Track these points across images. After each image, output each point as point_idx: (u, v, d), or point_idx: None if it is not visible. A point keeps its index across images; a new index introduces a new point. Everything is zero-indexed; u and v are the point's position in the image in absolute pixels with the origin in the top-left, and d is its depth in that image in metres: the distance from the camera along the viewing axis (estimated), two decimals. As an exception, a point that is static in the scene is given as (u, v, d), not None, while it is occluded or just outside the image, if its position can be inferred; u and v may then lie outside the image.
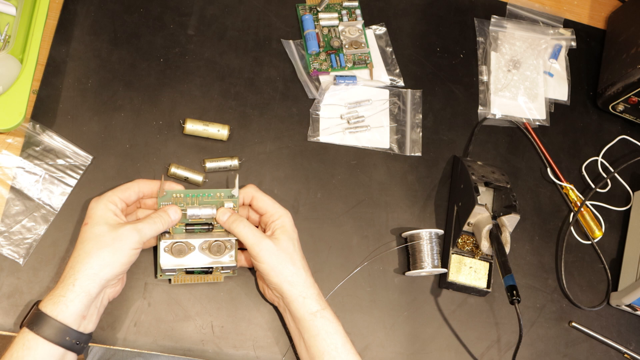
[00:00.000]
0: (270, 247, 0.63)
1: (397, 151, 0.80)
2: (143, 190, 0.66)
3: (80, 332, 0.57)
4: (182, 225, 0.66)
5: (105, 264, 0.58)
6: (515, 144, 0.86)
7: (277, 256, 0.63)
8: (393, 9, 0.87)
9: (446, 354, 0.74)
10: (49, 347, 0.55)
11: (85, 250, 0.59)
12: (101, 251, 0.59)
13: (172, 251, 0.65)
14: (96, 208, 0.62)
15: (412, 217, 0.78)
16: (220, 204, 0.67)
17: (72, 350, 0.57)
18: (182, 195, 0.66)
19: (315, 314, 0.63)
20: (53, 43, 0.73)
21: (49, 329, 0.56)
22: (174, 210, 0.65)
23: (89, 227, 0.60)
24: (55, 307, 0.56)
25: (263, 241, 0.63)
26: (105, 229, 0.60)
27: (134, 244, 0.60)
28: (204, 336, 0.67)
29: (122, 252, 0.59)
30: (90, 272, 0.58)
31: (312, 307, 0.63)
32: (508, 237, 0.70)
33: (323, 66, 0.80)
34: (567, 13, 0.96)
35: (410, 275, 0.75)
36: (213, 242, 0.66)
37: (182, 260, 0.65)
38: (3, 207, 0.66)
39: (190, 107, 0.75)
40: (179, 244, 0.65)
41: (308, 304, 0.63)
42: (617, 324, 0.81)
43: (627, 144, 0.90)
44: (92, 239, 0.59)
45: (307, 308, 0.63)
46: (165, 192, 0.66)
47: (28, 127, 0.69)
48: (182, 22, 0.78)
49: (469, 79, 0.87)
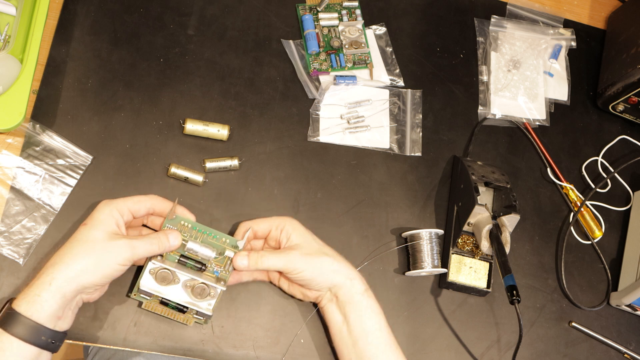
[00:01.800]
0: (299, 256, 0.64)
1: (397, 151, 0.80)
2: (154, 208, 0.64)
3: (56, 330, 0.57)
4: (177, 254, 0.64)
5: (85, 271, 0.57)
6: (515, 144, 0.86)
7: (310, 258, 0.64)
8: (393, 9, 0.87)
9: (446, 354, 0.74)
10: (24, 346, 0.55)
11: (72, 251, 0.58)
12: (87, 257, 0.57)
13: (156, 275, 0.62)
14: (101, 211, 0.60)
15: (412, 217, 0.78)
16: (222, 249, 0.65)
17: (47, 349, 0.56)
18: (189, 225, 0.65)
19: (364, 293, 0.65)
20: (53, 43, 0.73)
21: (24, 328, 0.54)
22: (174, 236, 0.63)
23: (86, 229, 0.59)
24: (29, 306, 0.55)
25: (290, 255, 0.64)
26: (100, 236, 0.59)
27: (123, 260, 0.58)
28: (204, 336, 0.67)
29: (108, 264, 0.58)
30: (69, 274, 0.56)
31: (360, 287, 0.65)
32: (508, 237, 0.70)
33: (323, 66, 0.80)
34: (567, 13, 0.96)
35: (410, 275, 0.75)
36: (199, 284, 0.63)
37: (162, 288, 0.63)
38: (3, 207, 0.66)
39: (190, 107, 0.75)
40: (165, 271, 0.62)
41: (356, 285, 0.65)
42: (617, 324, 0.81)
43: (627, 144, 0.90)
44: (83, 242, 0.58)
45: (356, 288, 0.65)
46: (175, 216, 0.64)
47: (28, 127, 0.69)
48: (182, 22, 0.78)
49: (469, 79, 0.87)
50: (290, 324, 0.70)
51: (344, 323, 0.65)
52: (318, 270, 0.64)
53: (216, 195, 0.72)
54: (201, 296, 0.64)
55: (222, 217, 0.72)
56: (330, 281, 0.65)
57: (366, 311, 0.64)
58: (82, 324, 0.64)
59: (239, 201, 0.73)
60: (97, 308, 0.65)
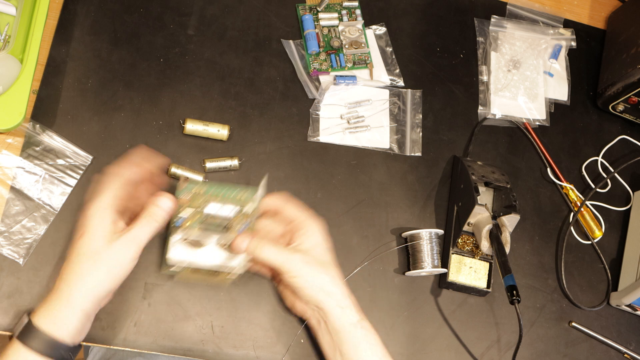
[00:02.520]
0: (301, 260, 0.61)
1: (397, 151, 0.80)
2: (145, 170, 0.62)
3: (73, 344, 0.57)
4: (196, 221, 0.63)
5: (101, 282, 0.57)
6: (515, 144, 0.86)
7: (310, 267, 0.61)
8: (393, 9, 0.87)
9: (446, 354, 0.74)
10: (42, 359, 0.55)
11: (82, 267, 0.57)
12: (97, 270, 0.57)
13: (183, 245, 0.62)
14: (93, 218, 0.58)
15: (412, 217, 0.78)
16: (242, 206, 0.64)
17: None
18: (202, 191, 0.64)
19: (356, 324, 0.61)
20: (53, 43, 0.73)
21: (45, 345, 0.55)
22: (164, 200, 0.60)
23: (85, 241, 0.58)
24: (53, 325, 0.55)
25: (292, 256, 0.61)
26: (101, 244, 0.57)
27: (131, 257, 0.58)
28: (204, 336, 0.67)
29: (120, 268, 0.58)
30: (86, 290, 0.56)
31: (352, 317, 0.61)
32: (508, 237, 0.70)
33: (323, 66, 0.80)
34: (567, 13, 0.96)
35: (410, 275, 0.75)
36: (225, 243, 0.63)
37: (192, 255, 0.62)
38: (3, 207, 0.66)
39: (190, 107, 0.75)
40: (191, 238, 0.62)
41: (348, 314, 0.61)
42: (617, 324, 0.81)
43: (627, 144, 0.90)
44: (88, 256, 0.57)
45: (347, 318, 0.61)
46: (185, 186, 0.63)
47: (28, 127, 0.69)
48: (182, 22, 0.78)
49: (469, 79, 0.87)
50: (290, 324, 0.70)
51: (336, 351, 0.61)
52: (310, 283, 0.61)
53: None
54: (230, 254, 0.63)
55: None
56: (319, 301, 0.61)
57: (360, 343, 0.60)
58: (82, 324, 0.65)
59: (239, 201, 0.73)
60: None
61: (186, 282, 0.66)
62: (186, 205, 0.64)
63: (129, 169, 0.62)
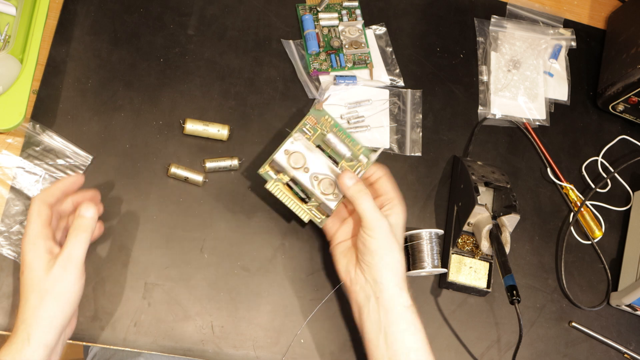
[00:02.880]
0: (387, 228, 0.62)
1: (397, 151, 0.80)
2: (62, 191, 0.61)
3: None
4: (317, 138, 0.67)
5: (54, 313, 0.56)
6: (515, 144, 0.86)
7: (389, 239, 0.62)
8: (393, 9, 0.87)
9: (446, 354, 0.74)
10: None
11: (30, 303, 0.56)
12: (46, 302, 0.56)
13: (290, 156, 0.63)
14: (27, 252, 0.57)
15: (412, 217, 0.78)
16: (355, 155, 0.66)
17: None
18: (332, 122, 0.69)
19: (408, 307, 0.62)
20: (53, 43, 0.73)
21: None
22: (86, 209, 0.59)
23: (27, 276, 0.57)
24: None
25: (383, 220, 0.62)
26: (41, 275, 0.56)
27: (74, 277, 0.57)
28: (204, 336, 0.67)
29: (67, 292, 0.57)
30: (42, 326, 0.55)
31: (406, 300, 0.62)
32: (508, 237, 0.70)
33: (323, 66, 0.80)
34: (567, 13, 0.96)
35: (410, 275, 0.75)
36: (325, 179, 0.64)
37: (292, 170, 0.64)
38: (3, 207, 0.66)
39: (190, 107, 0.75)
40: (298, 154, 0.64)
41: (403, 297, 0.62)
42: (617, 324, 0.81)
43: (627, 144, 0.90)
44: (31, 289, 0.56)
45: (403, 300, 0.62)
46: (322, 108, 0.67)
47: (28, 127, 0.69)
48: (182, 22, 0.78)
49: (469, 79, 0.87)
50: (290, 324, 0.70)
51: (381, 331, 0.61)
52: (382, 253, 0.62)
53: (216, 195, 0.72)
54: (326, 191, 0.63)
55: (222, 217, 0.72)
56: (381, 274, 0.62)
57: (409, 327, 0.61)
58: (82, 324, 0.64)
59: (239, 201, 0.73)
60: (97, 308, 0.65)
61: (273, 193, 0.66)
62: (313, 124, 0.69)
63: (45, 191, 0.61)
